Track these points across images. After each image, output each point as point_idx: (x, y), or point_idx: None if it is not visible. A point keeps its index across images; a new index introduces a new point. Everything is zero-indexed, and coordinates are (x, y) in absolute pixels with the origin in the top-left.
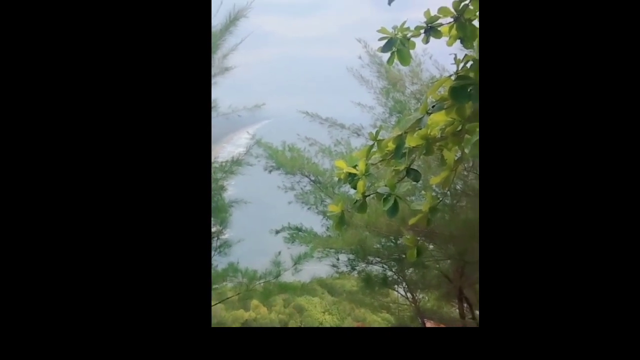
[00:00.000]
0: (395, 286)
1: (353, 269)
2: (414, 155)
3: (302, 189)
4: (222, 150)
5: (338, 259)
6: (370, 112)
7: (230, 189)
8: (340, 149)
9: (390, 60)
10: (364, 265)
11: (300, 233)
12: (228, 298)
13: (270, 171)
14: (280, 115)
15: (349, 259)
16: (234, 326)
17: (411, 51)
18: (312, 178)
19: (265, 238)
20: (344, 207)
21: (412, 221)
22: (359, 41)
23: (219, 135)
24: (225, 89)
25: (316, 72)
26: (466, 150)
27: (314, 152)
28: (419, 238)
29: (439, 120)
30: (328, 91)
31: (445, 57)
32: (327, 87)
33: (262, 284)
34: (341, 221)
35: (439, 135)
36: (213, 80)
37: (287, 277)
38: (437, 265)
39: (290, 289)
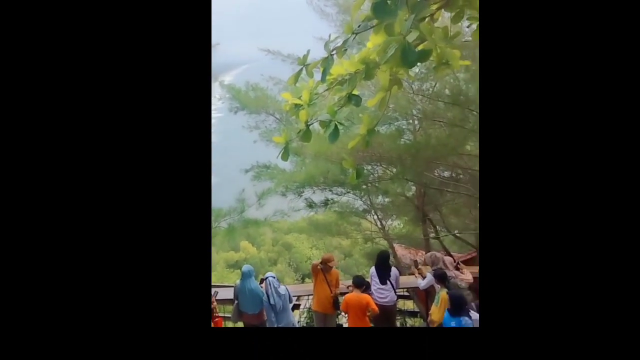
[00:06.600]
0: (367, 215)
1: (310, 206)
2: (356, 80)
3: (266, 127)
4: None
5: (300, 196)
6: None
7: None
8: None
9: None
10: (332, 197)
11: (268, 170)
12: None
13: (235, 112)
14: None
15: (314, 191)
16: (225, 267)
17: None
18: (277, 116)
19: (235, 178)
20: (288, 138)
21: (351, 144)
22: None
23: None
24: None
25: (278, 10)
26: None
27: (278, 91)
28: (373, 163)
29: (377, 41)
30: (292, 29)
31: None
32: (291, 24)
33: (228, 222)
34: (286, 152)
35: (378, 59)
36: None
37: (253, 213)
38: (399, 190)
39: (251, 224)
